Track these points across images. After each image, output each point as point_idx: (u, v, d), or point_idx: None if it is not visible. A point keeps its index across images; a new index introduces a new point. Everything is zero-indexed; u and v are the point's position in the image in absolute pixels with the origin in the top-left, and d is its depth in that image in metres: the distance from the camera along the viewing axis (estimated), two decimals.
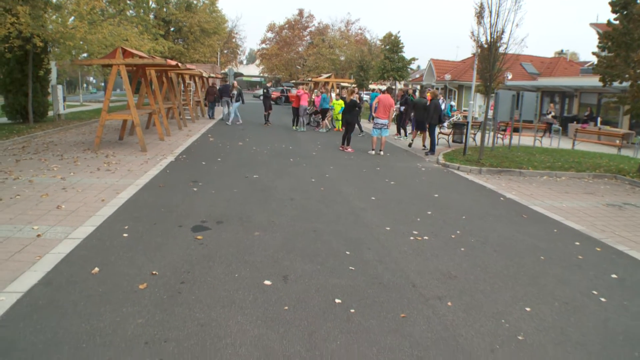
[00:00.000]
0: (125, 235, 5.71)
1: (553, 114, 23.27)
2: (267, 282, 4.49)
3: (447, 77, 33.26)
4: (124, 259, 4.94)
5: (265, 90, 22.55)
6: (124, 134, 14.93)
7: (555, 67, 35.14)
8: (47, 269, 4.67)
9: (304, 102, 19.62)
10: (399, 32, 32.03)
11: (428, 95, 14.89)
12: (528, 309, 4.25)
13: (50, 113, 20.74)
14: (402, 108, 18.67)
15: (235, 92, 21.39)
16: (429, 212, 7.45)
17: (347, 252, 5.42)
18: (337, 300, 4.17)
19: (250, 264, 4.94)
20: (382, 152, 13.88)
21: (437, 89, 35.57)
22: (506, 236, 6.48)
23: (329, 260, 5.16)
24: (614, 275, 5.29)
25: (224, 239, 5.68)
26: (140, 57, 13.58)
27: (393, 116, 16.74)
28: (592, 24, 26.06)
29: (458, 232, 6.48)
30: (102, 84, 75.83)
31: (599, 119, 22.32)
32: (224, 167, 10.50)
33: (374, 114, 14.13)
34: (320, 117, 20.29)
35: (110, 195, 7.67)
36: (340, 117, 18.17)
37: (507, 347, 3.59)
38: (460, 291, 4.54)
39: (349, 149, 14.13)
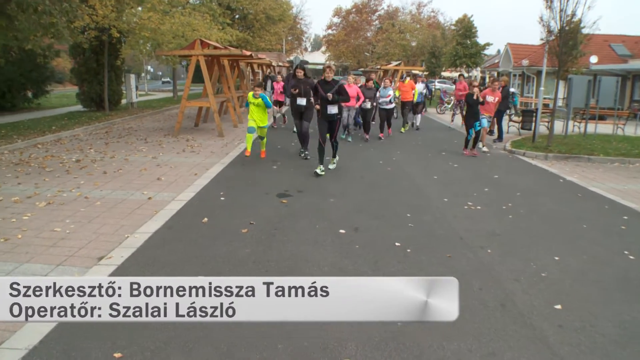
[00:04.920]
0: (222, 198, 7.48)
1: None
2: (342, 231, 6.06)
3: (525, 62, 33.40)
4: (226, 214, 6.68)
5: None
6: (199, 121, 17.02)
7: None
8: (165, 219, 6.48)
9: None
10: (472, 15, 32.60)
11: (502, 82, 15.59)
12: (557, 258, 5.52)
13: (123, 101, 23.27)
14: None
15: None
16: (486, 189, 8.73)
17: (408, 215, 6.89)
18: (397, 244, 5.67)
19: (327, 219, 6.54)
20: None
21: (515, 75, 35.84)
22: (555, 209, 7.67)
23: (393, 219, 6.66)
24: None
25: (305, 203, 7.33)
26: (215, 47, 15.54)
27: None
28: None
29: (510, 204, 7.75)
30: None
31: None
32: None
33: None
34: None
35: (200, 170, 9.53)
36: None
37: (529, 279, 4.92)
38: (500, 244, 5.89)
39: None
